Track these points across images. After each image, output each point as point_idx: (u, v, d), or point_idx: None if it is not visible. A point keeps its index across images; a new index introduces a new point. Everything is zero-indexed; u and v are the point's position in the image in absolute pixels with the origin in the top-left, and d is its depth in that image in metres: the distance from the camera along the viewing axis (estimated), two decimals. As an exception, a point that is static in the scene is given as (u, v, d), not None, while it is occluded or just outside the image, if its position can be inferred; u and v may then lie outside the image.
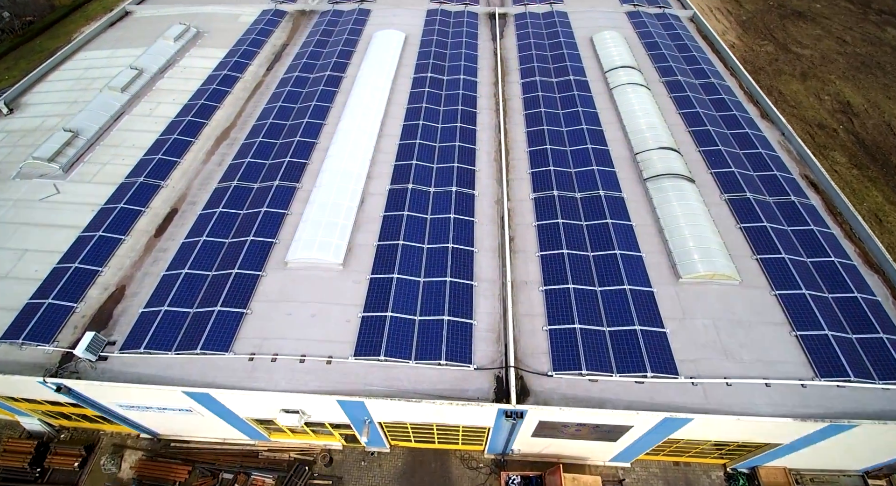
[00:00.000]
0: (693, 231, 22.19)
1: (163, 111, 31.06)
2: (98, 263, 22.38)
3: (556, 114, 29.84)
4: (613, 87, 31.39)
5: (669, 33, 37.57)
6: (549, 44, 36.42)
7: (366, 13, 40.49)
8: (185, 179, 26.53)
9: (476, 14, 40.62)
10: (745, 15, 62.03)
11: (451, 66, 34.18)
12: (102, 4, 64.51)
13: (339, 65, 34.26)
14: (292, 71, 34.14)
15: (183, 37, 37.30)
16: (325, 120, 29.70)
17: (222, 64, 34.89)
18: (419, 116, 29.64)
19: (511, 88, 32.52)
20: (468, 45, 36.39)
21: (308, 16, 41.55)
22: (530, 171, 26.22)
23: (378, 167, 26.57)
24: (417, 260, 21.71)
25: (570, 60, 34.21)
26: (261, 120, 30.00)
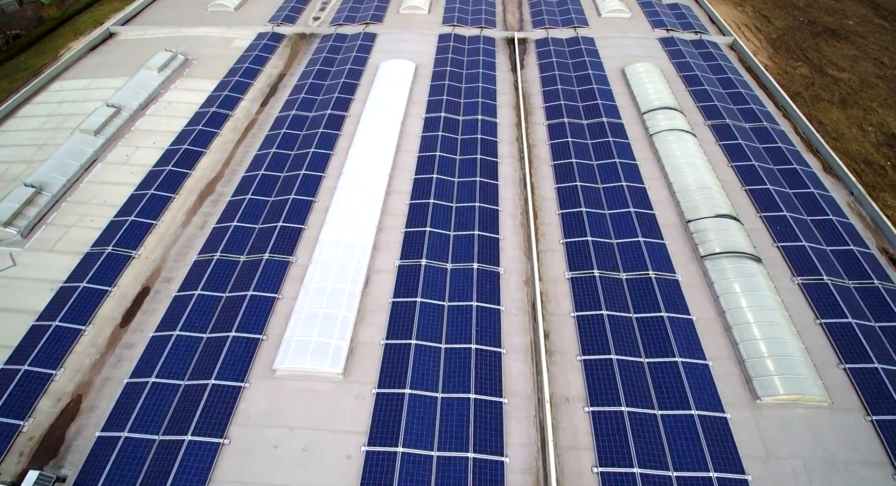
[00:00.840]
0: (768, 332, 18.05)
1: (141, 157, 26.99)
2: (52, 363, 18.36)
3: (589, 165, 25.68)
4: (653, 132, 27.19)
5: (710, 65, 33.28)
6: (575, 77, 32.19)
7: (371, 38, 36.30)
8: (160, 248, 22.48)
9: (493, 40, 36.39)
10: (774, 33, 57.55)
11: (466, 103, 30.01)
12: (92, 17, 60.32)
13: (342, 102, 30.11)
14: (289, 108, 29.99)
15: (168, 66, 33.18)
16: (324, 171, 25.59)
17: (211, 99, 30.77)
18: (432, 167, 25.52)
19: (536, 131, 28.35)
20: (485, 77, 32.18)
21: (308, 40, 37.39)
22: (564, 240, 22.10)
23: (385, 235, 22.48)
24: (434, 366, 17.66)
25: (602, 98, 29.99)
26: (251, 170, 25.90)
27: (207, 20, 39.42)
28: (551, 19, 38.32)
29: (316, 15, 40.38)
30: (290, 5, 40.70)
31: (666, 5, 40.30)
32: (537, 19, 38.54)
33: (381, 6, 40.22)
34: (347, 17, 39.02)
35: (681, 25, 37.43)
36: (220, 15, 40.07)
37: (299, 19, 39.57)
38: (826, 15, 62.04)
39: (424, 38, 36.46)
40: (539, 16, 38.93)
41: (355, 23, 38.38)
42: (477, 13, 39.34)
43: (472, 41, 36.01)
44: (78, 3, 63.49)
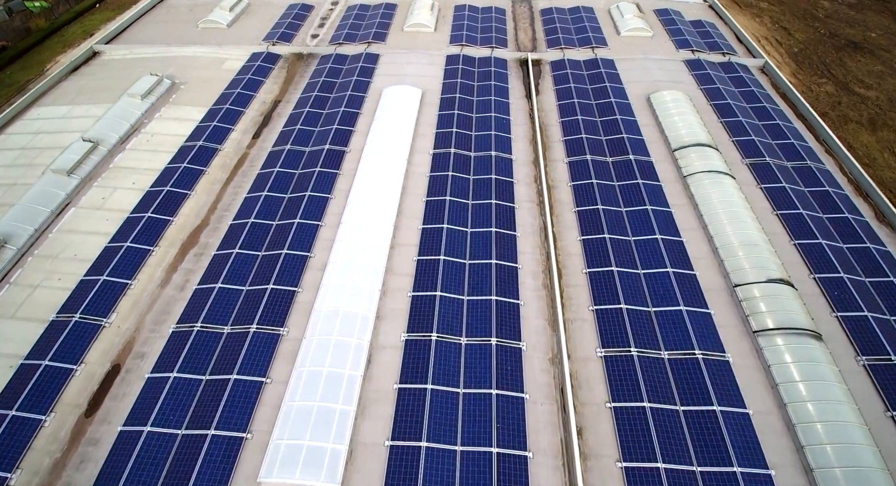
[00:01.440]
0: (835, 433, 15.24)
1: (119, 201, 24.14)
2: (7, 465, 15.59)
3: (617, 213, 22.81)
4: (687, 174, 24.30)
5: (741, 91, 30.35)
6: (596, 105, 29.27)
7: (374, 59, 33.36)
8: (134, 314, 19.65)
9: (505, 62, 33.45)
10: (795, 46, 54.52)
11: (478, 136, 27.12)
12: (82, 28, 57.32)
13: (342, 134, 27.23)
14: (283, 142, 27.11)
15: (153, 92, 30.29)
16: (321, 219, 22.74)
17: (199, 130, 27.89)
18: (442, 214, 22.67)
19: (556, 170, 25.46)
20: (498, 105, 29.26)
21: (306, 60, 34.47)
22: (594, 307, 19.26)
23: (390, 300, 19.65)
24: (448, 477, 14.84)
25: (627, 131, 27.08)
26: (240, 217, 23.05)
27: (198, 38, 36.50)
28: (567, 39, 35.37)
29: (314, 32, 37.44)
30: (287, 22, 37.76)
31: (689, 22, 37.33)
32: (552, 38, 35.59)
33: (384, 23, 37.27)
34: (348, 36, 36.07)
35: (707, 46, 34.47)
36: (211, 32, 37.14)
37: (296, 37, 36.64)
38: (847, 27, 59.01)
39: (431, 59, 33.52)
40: (553, 34, 35.98)
41: (356, 42, 35.43)
42: (487, 31, 36.39)
43: (483, 63, 33.06)
44: (68, 12, 60.61)
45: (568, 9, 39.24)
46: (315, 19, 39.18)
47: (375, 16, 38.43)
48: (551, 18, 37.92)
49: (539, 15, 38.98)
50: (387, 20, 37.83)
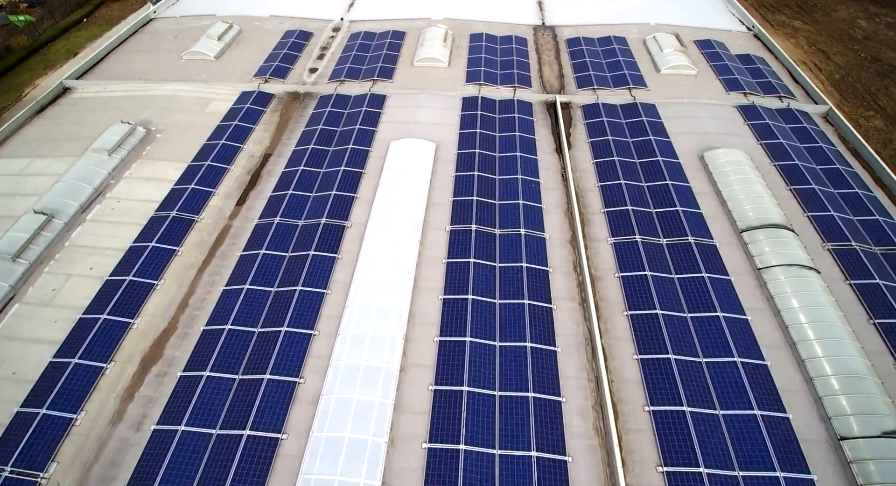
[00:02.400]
0: None
1: (71, 293, 19.68)
2: None
3: (681, 320, 18.24)
4: (762, 267, 19.68)
5: (808, 148, 25.66)
6: (641, 165, 24.64)
7: (379, 102, 28.74)
8: (76, 469, 15.16)
9: (530, 105, 28.79)
10: (837, 72, 49.58)
11: (504, 206, 22.52)
12: (66, 46, 52.66)
13: (342, 203, 22.69)
14: (273, 212, 22.57)
15: (124, 144, 25.76)
16: (314, 327, 18.21)
17: (174, 195, 23.38)
18: (464, 321, 18.14)
19: (599, 254, 20.88)
20: (525, 164, 24.64)
21: (302, 101, 29.84)
22: (664, 469, 14.74)
23: (399, 456, 15.15)
24: None
25: (681, 202, 22.46)
26: (215, 321, 18.53)
27: (181, 72, 31.90)
28: (599, 76, 30.66)
29: (313, 64, 32.79)
30: (282, 53, 33.11)
31: (736, 57, 32.57)
32: (582, 76, 30.88)
33: (391, 56, 32.60)
34: (350, 71, 31.42)
35: (760, 87, 29.73)
36: (196, 66, 32.54)
37: (292, 72, 32.00)
38: (889, 50, 53.96)
39: (445, 102, 28.87)
40: (584, 71, 31.27)
41: (360, 79, 30.78)
42: (507, 67, 31.69)
43: (505, 107, 28.41)
44: (53, 27, 55.99)
45: (598, 39, 34.51)
46: (314, 49, 34.52)
47: (381, 46, 33.73)
48: (579, 51, 33.18)
49: (565, 46, 34.25)
50: (394, 52, 33.15)
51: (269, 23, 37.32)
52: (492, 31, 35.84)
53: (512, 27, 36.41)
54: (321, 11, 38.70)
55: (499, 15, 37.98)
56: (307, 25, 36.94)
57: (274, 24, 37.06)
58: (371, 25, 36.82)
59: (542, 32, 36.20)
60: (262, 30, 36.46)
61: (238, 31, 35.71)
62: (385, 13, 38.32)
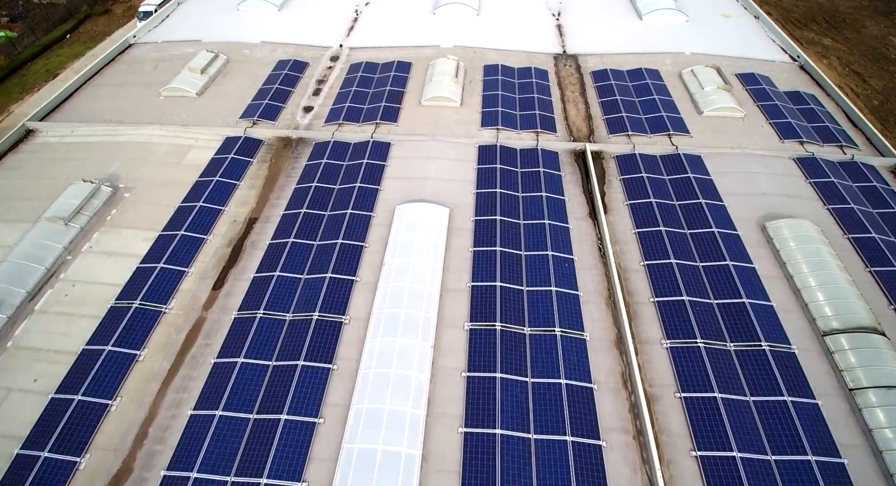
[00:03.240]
0: None
1: (8, 419, 15.71)
2: None
3: (764, 464, 14.27)
4: (854, 388, 15.72)
5: (883, 215, 21.60)
6: (692, 237, 20.64)
7: (383, 152, 24.69)
8: None
9: (556, 156, 24.72)
10: (875, 98, 45.40)
11: (533, 293, 18.51)
12: (46, 67, 48.47)
13: (339, 290, 18.71)
14: (255, 303, 18.52)
15: (87, 207, 21.74)
16: (301, 475, 14.31)
17: (139, 276, 19.40)
18: (491, 472, 14.18)
19: (652, 363, 16.83)
20: (556, 235, 20.62)
21: (295, 149, 25.76)
22: None
23: None
24: None
25: (747, 291, 18.42)
26: (177, 465, 14.54)
27: (158, 112, 27.83)
28: (633, 119, 26.60)
29: (307, 103, 28.70)
30: (273, 88, 29.01)
31: (785, 95, 28.48)
32: (613, 118, 26.82)
33: (396, 94, 28.51)
34: (350, 112, 27.35)
35: (817, 133, 25.66)
36: (176, 104, 28.45)
37: (284, 112, 27.91)
38: (928, 71, 49.77)
39: (458, 151, 24.85)
40: (614, 112, 27.20)
41: (360, 121, 26.72)
42: (528, 106, 27.62)
43: (527, 159, 24.37)
44: (33, 45, 51.77)
45: (627, 72, 30.41)
46: (309, 82, 30.40)
47: (385, 80, 29.63)
48: (608, 87, 29.06)
49: (591, 79, 30.14)
50: (399, 87, 29.03)
51: (259, 50, 33.21)
52: (508, 61, 31.69)
53: (530, 57, 32.26)
54: (318, 37, 34.57)
55: (515, 41, 33.85)
56: (302, 54, 32.82)
57: (265, 53, 32.94)
58: (373, 54, 32.70)
59: (563, 62, 32.08)
60: (252, 59, 32.34)
61: (224, 61, 31.59)
62: (388, 39, 34.21)
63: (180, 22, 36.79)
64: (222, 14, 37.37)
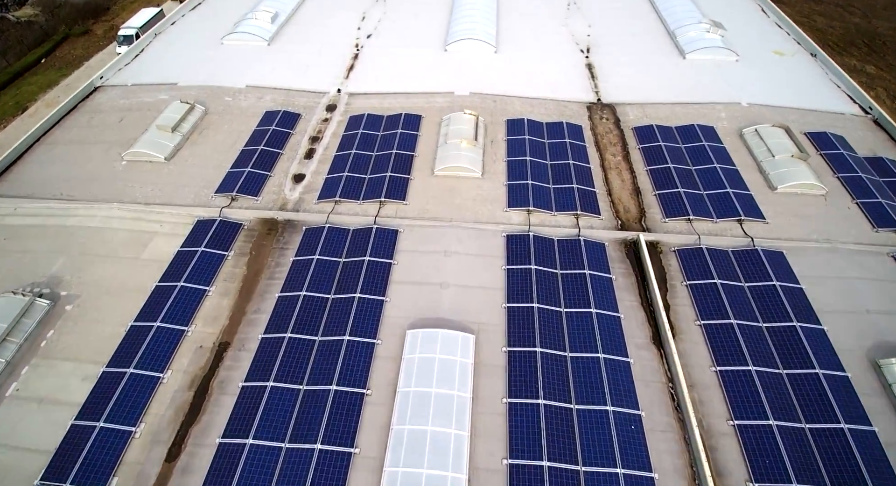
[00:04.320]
0: None
1: None
2: None
3: None
4: None
5: None
6: (789, 380, 15.65)
7: (389, 244, 19.70)
8: None
9: (602, 248, 19.70)
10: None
11: (591, 478, 13.62)
12: (15, 98, 43.03)
13: (331, 470, 13.82)
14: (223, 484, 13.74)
15: (17, 329, 16.79)
16: None
17: (73, 440, 14.45)
18: None
19: None
20: (614, 377, 15.58)
21: (281, 236, 20.71)
22: None
23: None
24: None
25: (872, 474, 13.59)
26: None
27: (120, 183, 22.78)
28: (692, 196, 21.56)
29: (298, 169, 23.64)
30: (257, 151, 23.94)
31: (866, 162, 23.44)
32: (667, 195, 21.79)
33: (404, 159, 23.43)
34: (348, 186, 22.31)
35: (919, 219, 20.70)
36: (140, 172, 23.37)
37: (270, 182, 22.84)
38: None
39: (481, 243, 19.85)
40: (668, 186, 22.16)
41: (361, 199, 21.69)
42: (562, 176, 22.55)
43: (568, 254, 19.37)
44: (4, 72, 46.48)
45: (676, 129, 25.33)
46: (301, 140, 25.30)
47: (390, 139, 24.56)
48: (656, 149, 23.98)
49: (634, 137, 25.07)
50: (408, 150, 23.97)
51: (244, 97, 28.07)
52: (534, 113, 26.57)
53: (560, 107, 27.14)
54: (312, 79, 29.39)
55: (540, 85, 28.70)
56: (293, 102, 27.69)
57: (250, 101, 27.80)
58: (376, 103, 27.56)
59: (599, 113, 26.99)
60: (235, 109, 27.19)
61: (201, 114, 26.44)
62: (394, 82, 29.05)
63: (155, 60, 31.59)
64: (204, 49, 32.17)
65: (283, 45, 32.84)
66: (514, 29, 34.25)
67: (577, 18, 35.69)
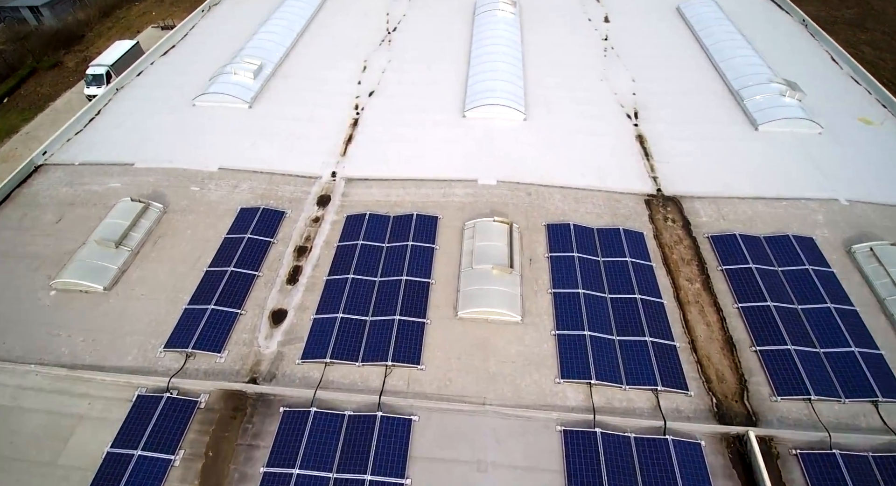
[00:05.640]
0: None
1: None
2: None
3: None
4: None
5: None
6: None
7: (399, 443, 13.82)
8: None
9: (698, 450, 13.86)
10: None
11: None
12: (-29, 146, 37.19)
13: None
14: None
15: None
16: None
17: None
18: None
19: None
20: None
21: (250, 420, 14.62)
22: None
23: None
24: None
25: None
26: None
27: (41, 332, 16.70)
28: (807, 358, 15.61)
29: (277, 303, 17.62)
30: (226, 275, 17.93)
31: None
32: (773, 355, 15.79)
33: (418, 297, 17.37)
34: (343, 338, 16.33)
35: None
36: (71, 309, 17.29)
37: (238, 327, 16.77)
38: None
39: (528, 441, 13.92)
40: (773, 341, 16.14)
41: (359, 361, 15.80)
42: (630, 326, 16.51)
43: (649, 462, 13.49)
44: (-42, 115, 40.27)
45: (765, 239, 19.32)
46: (285, 253, 19.28)
47: (398, 260, 18.56)
48: (745, 274, 17.99)
49: (713, 252, 19.05)
50: (422, 277, 17.98)
51: (215, 185, 22.01)
52: (580, 212, 20.52)
53: (611, 202, 21.10)
54: (301, 159, 23.23)
55: (582, 165, 22.69)
56: (276, 193, 21.68)
57: (223, 191, 21.74)
58: (379, 193, 21.52)
59: (660, 210, 20.97)
60: (202, 204, 21.15)
61: (158, 215, 20.37)
62: (400, 162, 23.00)
63: (112, 127, 25.42)
64: (171, 113, 26.04)
65: (268, 106, 26.72)
66: (543, 84, 28.11)
67: (616, 69, 29.56)
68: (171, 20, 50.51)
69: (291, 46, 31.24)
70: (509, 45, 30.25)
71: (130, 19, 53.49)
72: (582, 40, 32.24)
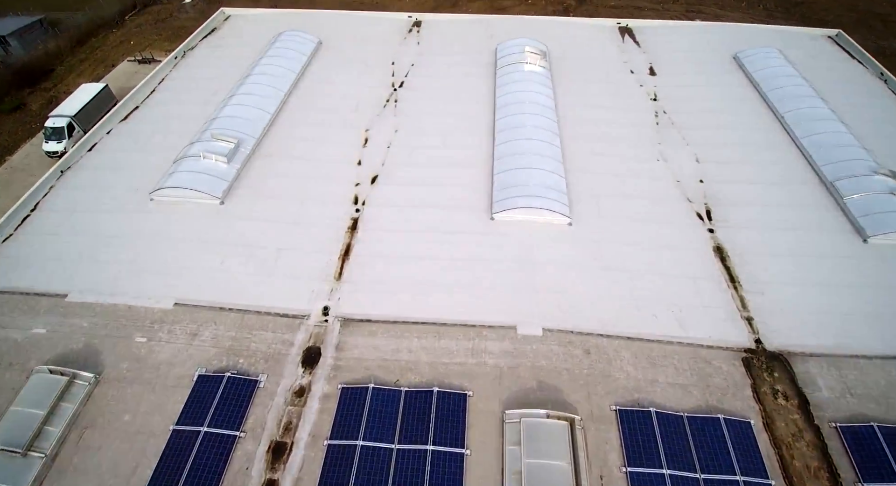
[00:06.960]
0: None
1: None
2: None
3: None
4: None
5: None
6: None
7: None
8: None
9: None
10: None
11: None
12: None
13: None
14: None
15: None
16: None
17: None
18: None
19: None
20: None
21: None
22: None
23: None
24: None
25: None
26: None
27: None
28: None
29: (245, 544, 12.28)
30: None
31: None
32: None
33: (446, 554, 12.11)
34: None
35: None
36: None
37: None
38: None
39: None
40: None
41: None
42: None
43: None
44: None
45: (922, 439, 13.95)
46: (254, 458, 13.67)
47: (413, 479, 13.14)
48: None
49: (846, 454, 13.48)
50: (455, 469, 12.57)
51: (167, 333, 16.27)
52: (660, 384, 14.83)
53: (697, 363, 15.48)
54: (284, 286, 17.52)
55: (652, 298, 17.10)
56: (249, 343, 16.06)
57: (178, 344, 16.06)
58: (385, 344, 15.88)
59: (765, 378, 15.24)
60: (149, 367, 15.43)
61: (86, 391, 14.60)
62: (414, 293, 17.38)
63: (48, 232, 19.61)
64: (121, 213, 20.13)
65: (245, 202, 20.85)
66: (589, 169, 22.31)
67: (674, 143, 23.80)
68: (150, 53, 44.55)
69: (276, 112, 25.40)
70: (542, 112, 24.45)
71: (106, 50, 47.44)
72: (627, 102, 26.41)
